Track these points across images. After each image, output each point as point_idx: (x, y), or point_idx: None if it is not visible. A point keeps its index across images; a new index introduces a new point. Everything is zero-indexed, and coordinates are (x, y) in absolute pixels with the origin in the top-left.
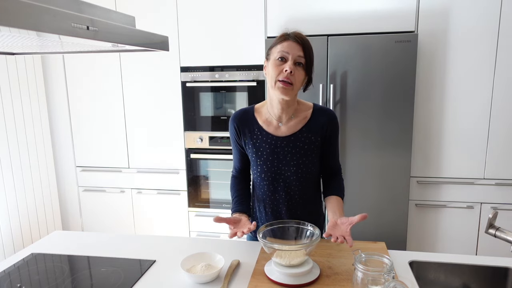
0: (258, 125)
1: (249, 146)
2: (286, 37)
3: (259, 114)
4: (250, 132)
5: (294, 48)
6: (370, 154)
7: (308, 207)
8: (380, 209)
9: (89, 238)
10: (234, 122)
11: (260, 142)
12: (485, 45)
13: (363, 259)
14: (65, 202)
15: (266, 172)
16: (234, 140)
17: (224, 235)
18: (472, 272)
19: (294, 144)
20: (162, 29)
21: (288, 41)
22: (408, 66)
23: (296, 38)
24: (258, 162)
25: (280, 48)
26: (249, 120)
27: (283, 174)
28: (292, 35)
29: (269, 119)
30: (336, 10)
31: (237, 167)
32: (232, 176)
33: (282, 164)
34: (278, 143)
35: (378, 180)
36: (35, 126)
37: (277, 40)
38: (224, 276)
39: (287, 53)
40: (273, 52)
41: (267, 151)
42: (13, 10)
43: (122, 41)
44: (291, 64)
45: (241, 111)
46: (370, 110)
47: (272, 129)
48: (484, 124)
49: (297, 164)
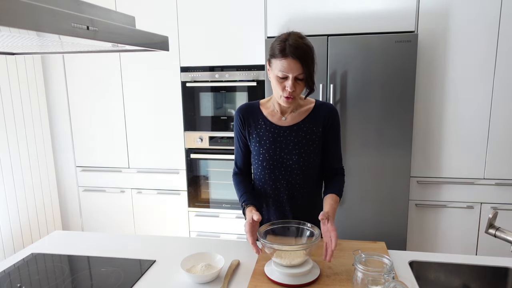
0: (262, 115)
1: (253, 136)
2: (285, 54)
3: (264, 107)
4: (255, 122)
5: (293, 68)
6: (370, 154)
7: (309, 198)
8: (380, 209)
9: (89, 238)
10: (240, 113)
11: (264, 131)
12: (485, 45)
13: (363, 259)
14: (65, 202)
15: (268, 160)
16: (238, 131)
17: (224, 235)
18: (472, 272)
19: (296, 134)
20: (162, 29)
21: (287, 59)
22: (408, 66)
23: (294, 54)
24: (260, 151)
25: (281, 66)
26: (254, 111)
27: (284, 163)
28: (291, 49)
29: (274, 111)
30: (336, 10)
31: (239, 164)
32: (235, 174)
33: (284, 153)
34: (281, 133)
35: (378, 180)
36: (35, 126)
37: (277, 52)
38: (224, 276)
39: (287, 73)
40: (274, 64)
41: (270, 139)
42: (13, 10)
43: (122, 41)
44: (292, 84)
45: (246, 104)
46: (370, 110)
47: (275, 120)
48: (484, 124)
49: (299, 153)
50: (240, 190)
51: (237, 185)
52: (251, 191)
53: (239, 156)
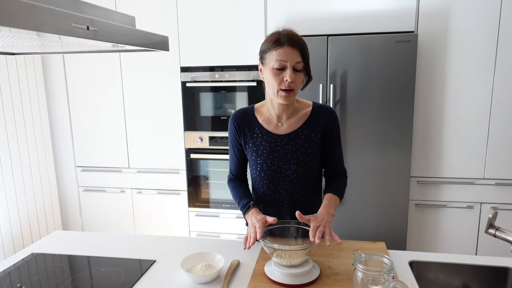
0: (258, 123)
1: (249, 145)
2: (280, 43)
3: (259, 113)
4: (250, 130)
5: (291, 55)
6: (370, 154)
7: (309, 205)
8: (380, 209)
9: (89, 238)
10: (234, 121)
11: (260, 141)
12: (485, 45)
13: (363, 259)
14: (65, 202)
15: (266, 170)
16: (233, 139)
17: (224, 235)
18: (472, 272)
19: (294, 142)
20: (162, 29)
21: (284, 47)
22: (408, 66)
23: (291, 42)
24: (258, 161)
25: (277, 56)
26: (249, 119)
27: (283, 172)
28: (286, 39)
29: (269, 118)
30: (336, 10)
31: (233, 171)
32: (230, 180)
33: (282, 162)
34: (278, 141)
35: (378, 180)
36: (35, 126)
37: (271, 44)
38: (224, 276)
39: (284, 62)
40: (268, 58)
41: (267, 149)
42: (13, 10)
43: (122, 41)
44: (291, 72)
45: (241, 111)
46: (370, 110)
47: (272, 128)
48: (484, 124)
49: (297, 162)
50: (239, 193)
51: (235, 189)
52: (248, 192)
53: (233, 163)
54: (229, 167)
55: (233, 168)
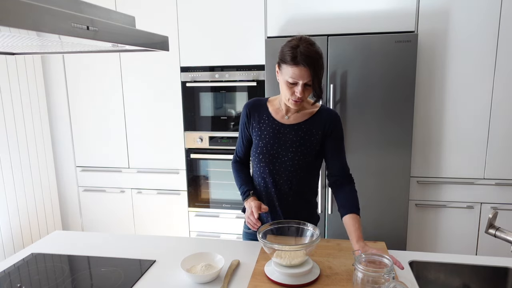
0: (268, 112)
1: (255, 130)
2: (297, 62)
3: (271, 104)
4: (259, 116)
5: (303, 76)
6: (370, 154)
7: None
8: (380, 209)
9: (89, 238)
10: (247, 107)
11: (266, 126)
12: (485, 45)
13: (363, 259)
14: (65, 202)
15: (265, 153)
16: (243, 124)
17: (224, 235)
18: (472, 272)
19: (296, 133)
20: (162, 29)
21: (299, 67)
22: (408, 66)
23: (306, 62)
24: (259, 144)
25: (291, 73)
26: (261, 107)
27: (280, 158)
28: (303, 58)
29: (279, 109)
30: (336, 10)
31: (239, 153)
32: (234, 161)
33: (281, 148)
34: (282, 130)
35: (378, 180)
36: (35, 126)
37: (289, 59)
38: (224, 276)
39: (297, 80)
40: (284, 69)
41: (270, 134)
42: (13, 10)
43: (122, 41)
44: (301, 89)
45: (255, 99)
46: (370, 110)
47: (279, 117)
48: (484, 124)
49: (295, 151)
50: (241, 178)
51: (237, 172)
52: (251, 181)
53: (240, 147)
54: (236, 150)
55: (239, 151)
